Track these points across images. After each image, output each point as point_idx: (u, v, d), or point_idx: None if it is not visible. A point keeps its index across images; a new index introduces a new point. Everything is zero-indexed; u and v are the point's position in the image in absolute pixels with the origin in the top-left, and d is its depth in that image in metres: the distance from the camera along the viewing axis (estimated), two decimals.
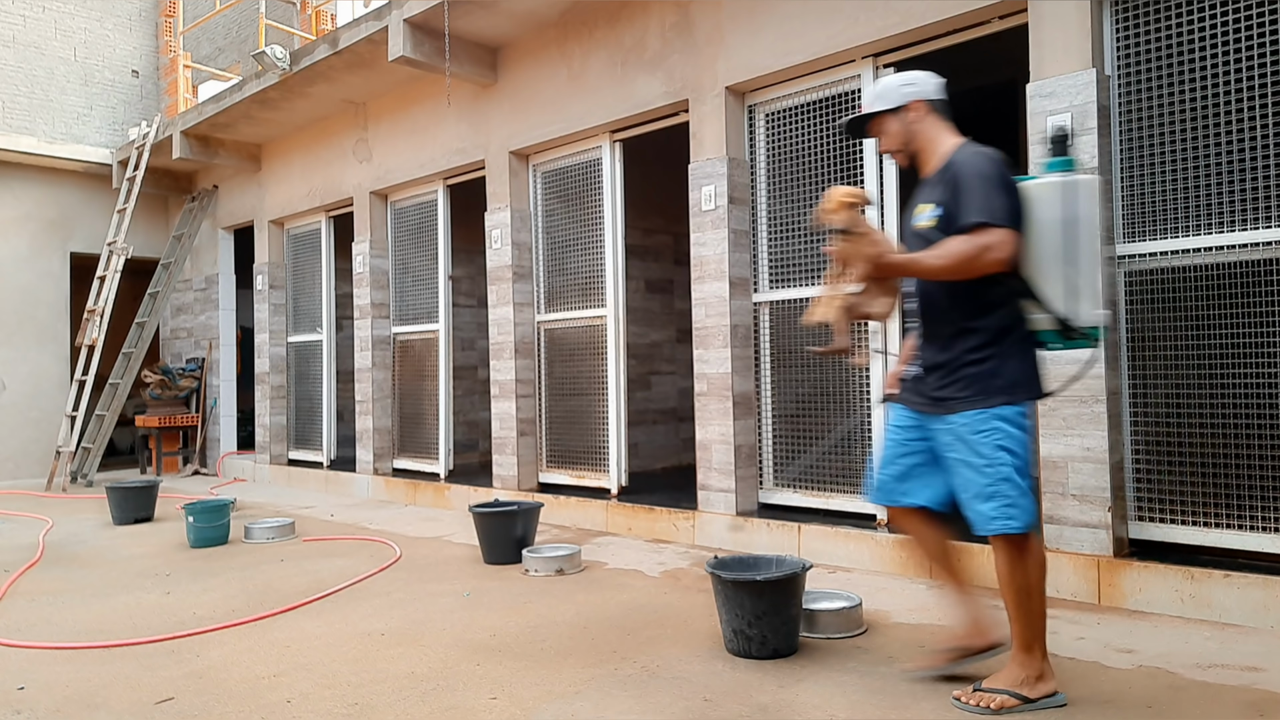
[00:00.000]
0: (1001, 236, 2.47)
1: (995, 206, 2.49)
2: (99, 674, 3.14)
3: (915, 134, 2.79)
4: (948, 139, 2.76)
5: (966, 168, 2.59)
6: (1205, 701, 2.64)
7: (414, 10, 6.02)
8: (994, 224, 2.47)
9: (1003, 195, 2.52)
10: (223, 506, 5.67)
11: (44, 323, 10.18)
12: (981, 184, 2.53)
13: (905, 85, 2.79)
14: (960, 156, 2.64)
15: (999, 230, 2.47)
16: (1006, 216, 2.49)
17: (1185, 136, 3.72)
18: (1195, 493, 3.69)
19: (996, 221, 2.48)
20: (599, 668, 3.05)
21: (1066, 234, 2.52)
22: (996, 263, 2.49)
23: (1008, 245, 2.48)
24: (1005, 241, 2.47)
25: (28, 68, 10.39)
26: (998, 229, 2.47)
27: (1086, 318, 2.53)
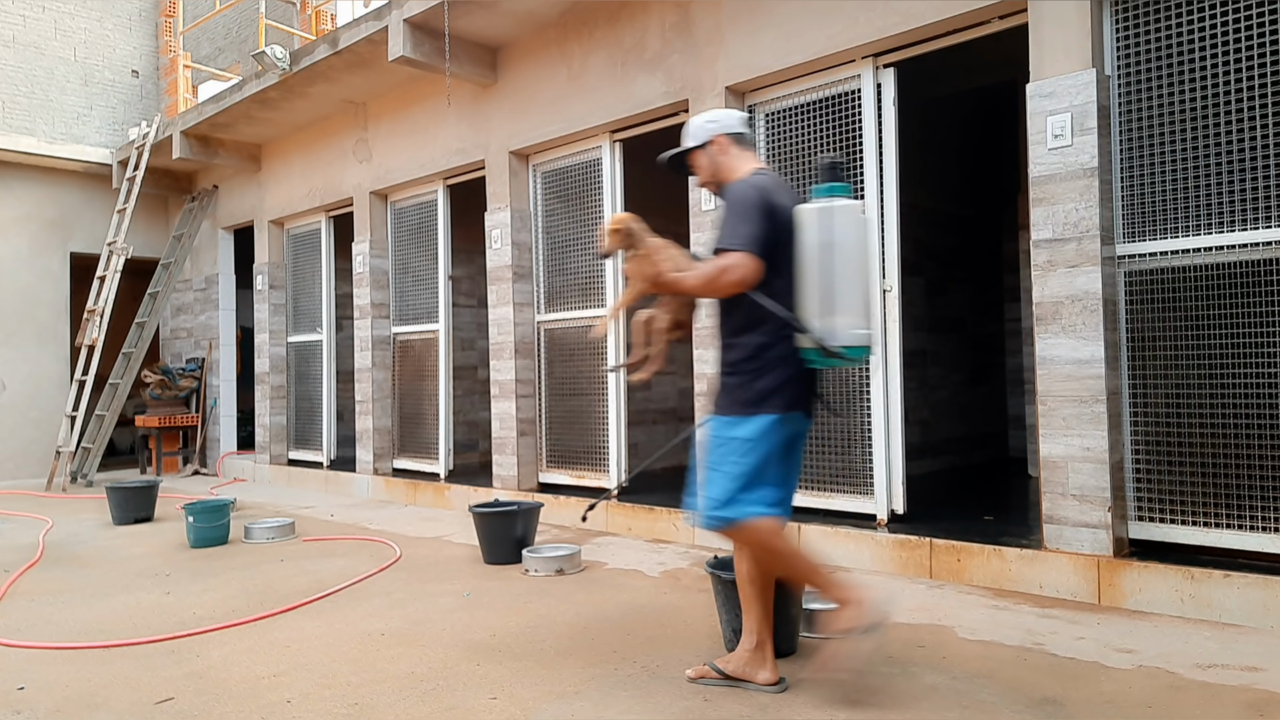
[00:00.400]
0: (737, 260, 2.68)
1: (737, 233, 2.70)
2: (99, 674, 3.14)
3: (719, 166, 2.98)
4: (744, 169, 2.93)
5: (729, 197, 2.81)
6: (1205, 701, 2.64)
7: (414, 10, 6.02)
8: (732, 249, 2.69)
9: (747, 223, 2.71)
10: (223, 506, 5.67)
11: (44, 323, 10.18)
12: (731, 212, 2.75)
13: (709, 122, 3.01)
14: (730, 187, 2.85)
15: (736, 254, 2.68)
16: (744, 242, 2.68)
17: (1185, 136, 3.72)
18: (1195, 493, 3.69)
19: (734, 246, 2.69)
20: (599, 668, 3.05)
21: (823, 257, 2.68)
22: (734, 284, 2.70)
23: (742, 268, 2.67)
24: (740, 264, 2.67)
25: (28, 68, 10.39)
26: (735, 253, 2.68)
27: (842, 337, 2.68)
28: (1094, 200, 3.78)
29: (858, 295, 2.71)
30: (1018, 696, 2.69)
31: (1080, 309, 3.81)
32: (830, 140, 4.88)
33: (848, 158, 4.82)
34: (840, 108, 4.86)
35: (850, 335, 2.68)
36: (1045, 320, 3.92)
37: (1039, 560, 3.88)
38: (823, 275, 2.69)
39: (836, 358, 2.69)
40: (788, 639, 3.10)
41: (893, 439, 4.68)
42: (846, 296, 2.69)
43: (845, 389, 4.85)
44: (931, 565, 4.21)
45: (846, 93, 4.83)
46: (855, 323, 2.70)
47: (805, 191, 4.98)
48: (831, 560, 4.53)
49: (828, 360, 2.71)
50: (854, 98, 4.80)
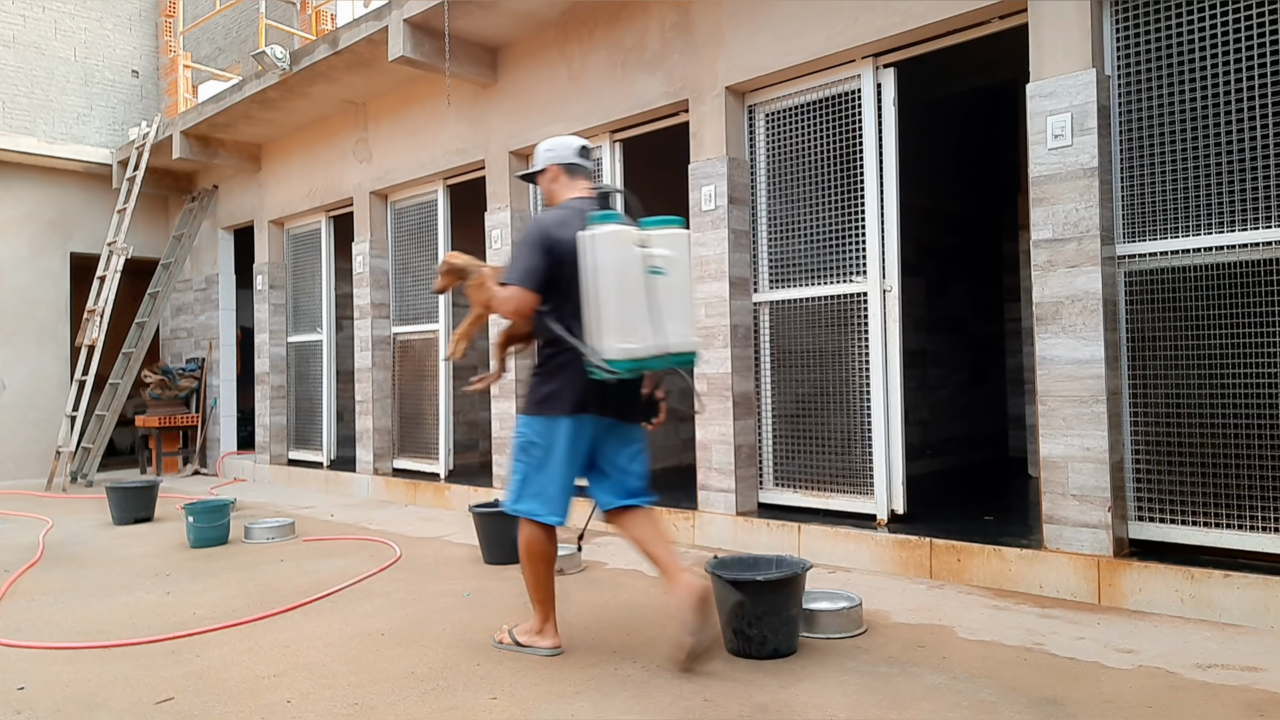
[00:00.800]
0: (510, 293, 3.06)
1: (514, 268, 3.09)
2: (99, 674, 3.14)
3: (549, 193, 3.32)
4: (563, 198, 3.24)
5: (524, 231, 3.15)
6: (1205, 701, 2.64)
7: (414, 10, 6.02)
8: (508, 282, 3.08)
9: (523, 259, 3.08)
10: (223, 506, 5.67)
11: (44, 323, 10.18)
12: (517, 247, 3.16)
13: (547, 151, 3.31)
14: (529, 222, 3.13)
15: (508, 287, 3.07)
16: (518, 276, 3.06)
17: (1185, 136, 3.72)
18: (1195, 493, 3.69)
19: (509, 281, 3.08)
20: (599, 668, 3.05)
21: (591, 280, 2.94)
22: (512, 312, 3.10)
23: (515, 300, 3.06)
24: (512, 297, 3.06)
25: (28, 68, 10.39)
26: (508, 286, 3.07)
27: (608, 352, 2.91)
28: (1094, 200, 3.78)
29: (623, 315, 2.92)
30: (1018, 696, 2.69)
31: (1080, 309, 3.82)
32: (830, 140, 4.88)
33: (848, 157, 4.82)
34: (840, 108, 4.86)
35: (615, 350, 2.91)
36: (1045, 320, 3.92)
37: (1039, 560, 3.88)
38: (592, 297, 2.95)
39: (609, 371, 2.92)
40: (788, 638, 3.10)
41: (893, 439, 4.68)
42: (611, 316, 2.92)
43: (845, 389, 4.86)
44: (931, 565, 4.21)
45: (846, 93, 4.83)
46: (620, 340, 2.92)
47: (808, 191, 4.99)
48: (832, 560, 4.53)
49: (604, 373, 2.94)
50: (854, 98, 4.80)
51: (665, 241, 3.07)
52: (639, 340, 2.95)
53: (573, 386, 3.07)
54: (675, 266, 3.06)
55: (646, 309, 2.96)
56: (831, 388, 4.92)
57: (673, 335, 3.01)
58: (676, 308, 3.05)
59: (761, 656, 3.07)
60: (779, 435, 5.19)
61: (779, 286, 5.16)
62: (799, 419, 5.10)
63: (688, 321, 3.13)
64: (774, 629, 3.06)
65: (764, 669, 2.98)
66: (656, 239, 3.04)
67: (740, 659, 3.08)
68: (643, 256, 2.97)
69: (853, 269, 4.80)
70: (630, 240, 2.99)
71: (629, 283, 2.95)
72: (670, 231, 3.09)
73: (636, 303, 2.96)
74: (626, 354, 2.93)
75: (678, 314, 3.05)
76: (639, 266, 2.98)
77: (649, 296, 2.97)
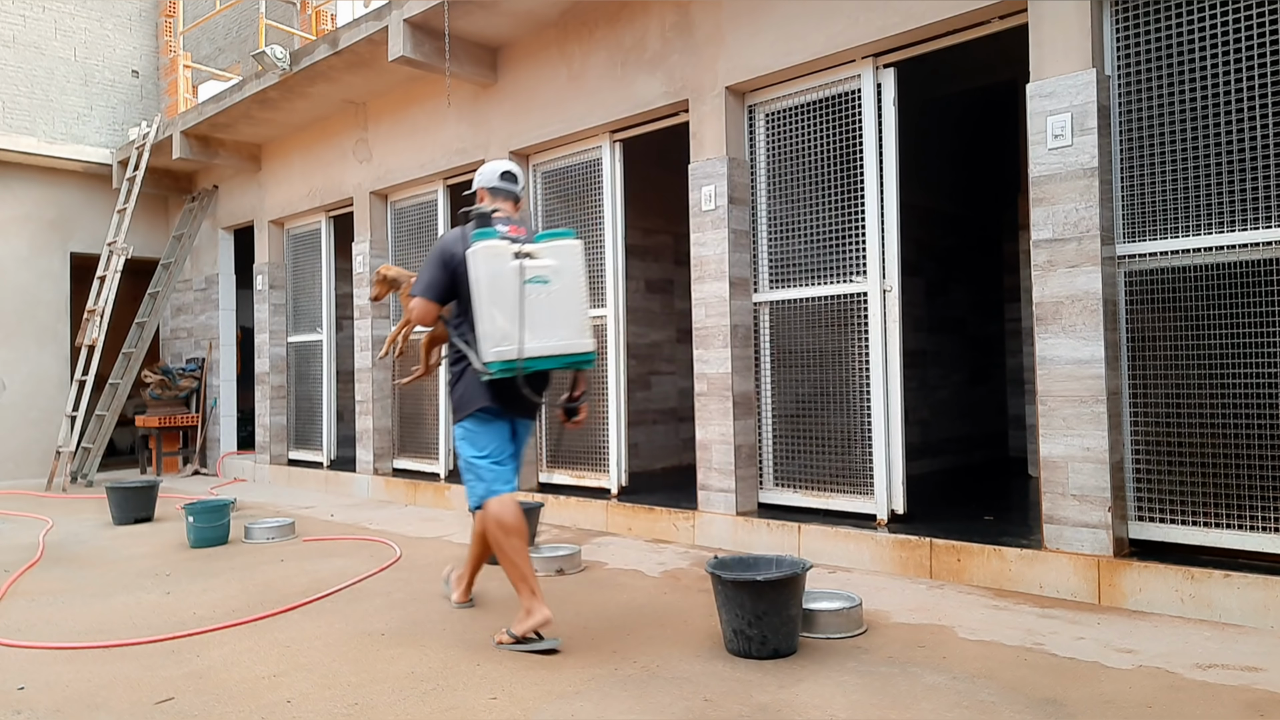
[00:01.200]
0: (415, 303, 3.46)
1: (419, 282, 3.48)
2: (99, 674, 3.14)
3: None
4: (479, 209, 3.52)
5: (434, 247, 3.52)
6: (1205, 701, 2.64)
7: (414, 10, 6.02)
8: (414, 294, 3.47)
9: (425, 273, 3.46)
10: (223, 506, 5.67)
11: (44, 323, 10.18)
12: (424, 262, 3.50)
13: (478, 176, 3.66)
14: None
15: (414, 299, 3.46)
16: (419, 288, 3.46)
17: (1185, 136, 3.72)
18: (1195, 493, 3.69)
19: (414, 293, 3.47)
20: (599, 668, 3.05)
21: (471, 292, 3.27)
22: (417, 319, 3.51)
23: (418, 310, 3.46)
24: (416, 306, 3.46)
25: (28, 68, 10.39)
26: (415, 298, 3.46)
27: (487, 356, 3.23)
28: (1094, 200, 3.78)
29: (497, 321, 3.22)
30: (1018, 696, 2.69)
31: (1080, 309, 3.82)
32: (830, 140, 4.88)
33: (848, 158, 4.82)
34: (840, 108, 4.86)
35: (491, 354, 3.23)
36: (1045, 320, 3.92)
37: (1039, 560, 3.88)
38: (473, 307, 3.27)
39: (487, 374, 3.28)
40: (788, 638, 3.10)
41: (893, 439, 4.68)
42: (486, 323, 3.23)
43: (845, 389, 4.86)
44: (931, 565, 4.21)
45: (846, 93, 4.83)
46: (494, 345, 3.23)
47: (808, 191, 4.99)
48: (832, 560, 4.54)
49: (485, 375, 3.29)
50: (854, 98, 4.80)
51: (551, 253, 3.32)
52: (511, 344, 3.23)
53: (474, 387, 3.40)
54: (560, 275, 3.31)
55: (521, 316, 3.24)
56: (831, 388, 4.92)
57: (556, 338, 3.28)
58: (562, 313, 3.30)
59: (761, 656, 3.07)
60: (779, 435, 5.19)
61: (779, 286, 5.15)
62: (799, 419, 5.10)
63: (577, 326, 3.34)
64: (774, 629, 3.06)
65: (764, 669, 2.98)
66: (543, 251, 3.30)
67: (740, 659, 3.08)
68: (519, 268, 3.24)
69: (853, 269, 4.80)
70: (504, 254, 3.26)
71: (503, 292, 3.23)
72: (557, 243, 3.34)
73: (511, 310, 3.23)
74: (500, 356, 3.23)
75: (563, 319, 3.30)
76: (514, 278, 3.24)
77: (525, 304, 3.24)
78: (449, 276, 3.40)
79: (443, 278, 3.41)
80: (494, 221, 3.41)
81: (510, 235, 3.36)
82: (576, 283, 3.39)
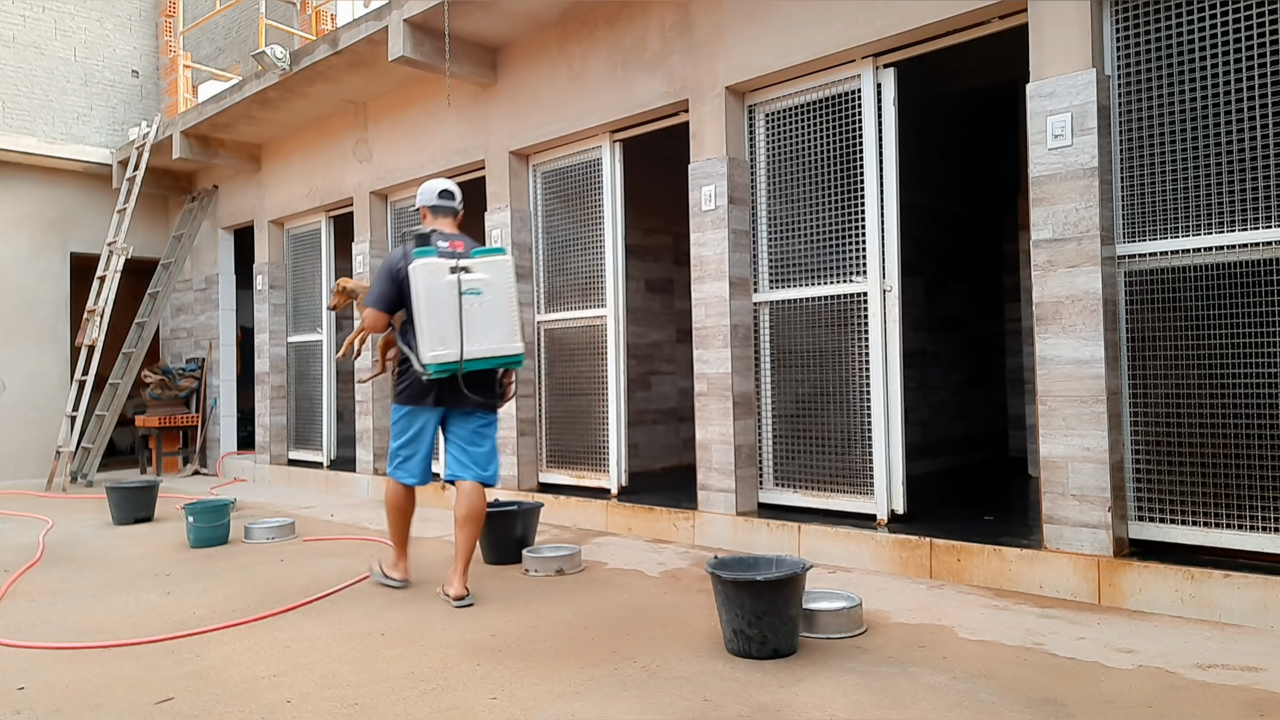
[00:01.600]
0: (366, 312, 3.97)
1: (370, 294, 3.98)
2: (99, 674, 3.14)
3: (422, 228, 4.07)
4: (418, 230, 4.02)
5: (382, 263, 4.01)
6: (1205, 701, 2.64)
7: (414, 10, 6.02)
8: (366, 305, 3.97)
9: (375, 286, 3.97)
10: (223, 506, 5.67)
11: (44, 323, 10.18)
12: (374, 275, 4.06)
13: (419, 195, 4.15)
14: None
15: (367, 309, 3.96)
16: (369, 299, 3.96)
17: (1185, 136, 3.72)
18: (1195, 493, 3.69)
19: (366, 304, 3.97)
20: (599, 668, 3.05)
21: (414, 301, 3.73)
22: (368, 327, 4.03)
23: (369, 318, 3.97)
24: (366, 317, 3.98)
25: (28, 68, 10.39)
26: (367, 309, 3.96)
27: (425, 359, 3.73)
28: (1094, 200, 3.78)
29: (434, 329, 3.67)
30: (1018, 696, 2.69)
31: (1080, 309, 3.82)
32: (830, 140, 4.88)
33: (848, 158, 4.82)
34: (840, 108, 4.86)
35: (429, 357, 3.70)
36: (1045, 320, 3.92)
37: (1039, 560, 3.88)
38: (416, 315, 3.74)
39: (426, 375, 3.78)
40: (788, 638, 3.10)
41: (893, 439, 4.68)
42: (423, 331, 3.71)
43: (845, 389, 4.86)
44: (931, 565, 4.21)
45: (846, 93, 4.83)
46: (431, 349, 3.69)
47: (808, 191, 4.99)
48: (832, 560, 4.54)
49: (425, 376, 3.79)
50: (854, 98, 4.80)
51: (484, 267, 3.79)
52: (448, 349, 3.69)
53: (417, 384, 3.95)
54: (491, 288, 3.78)
55: (457, 324, 3.69)
56: (831, 388, 4.92)
57: (489, 343, 3.76)
58: (493, 321, 3.78)
59: (761, 656, 3.07)
60: (779, 435, 5.19)
61: (779, 286, 5.15)
62: (799, 419, 5.10)
63: (506, 331, 3.83)
64: (774, 629, 3.06)
65: (764, 669, 2.98)
66: (477, 265, 3.77)
67: (740, 659, 3.08)
68: (453, 282, 3.70)
69: (853, 269, 4.81)
70: (440, 269, 3.71)
71: (439, 303, 3.69)
72: (490, 259, 3.83)
73: (446, 319, 3.69)
74: (437, 359, 3.69)
75: (495, 326, 3.78)
76: (450, 290, 3.70)
77: (459, 314, 3.69)
78: (395, 289, 3.86)
79: (389, 290, 3.89)
80: (433, 239, 3.86)
81: (450, 250, 3.81)
82: (507, 294, 3.85)
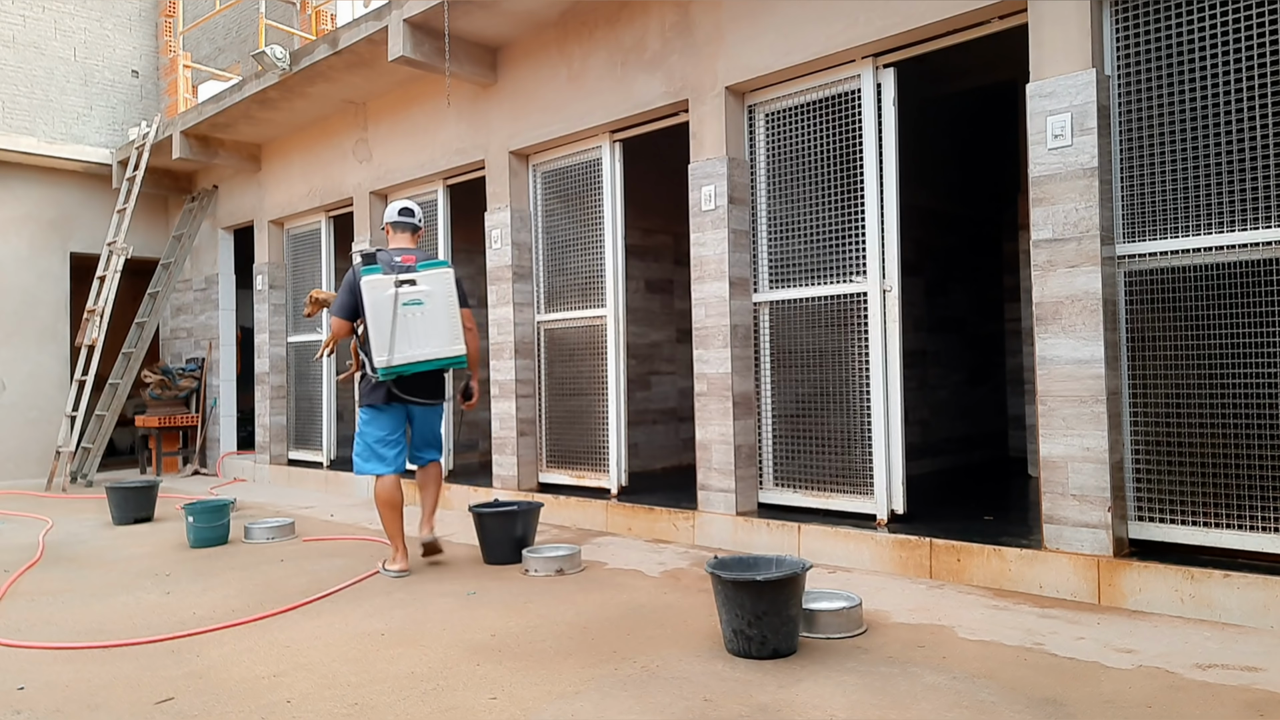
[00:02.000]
0: (333, 321, 4.58)
1: (335, 305, 4.59)
2: (99, 674, 3.14)
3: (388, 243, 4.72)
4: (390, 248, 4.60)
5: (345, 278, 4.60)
6: (1205, 701, 2.64)
7: (414, 10, 6.02)
8: (332, 315, 4.59)
9: (339, 298, 4.56)
10: (223, 506, 5.67)
11: (44, 323, 10.18)
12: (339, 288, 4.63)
13: (385, 215, 4.74)
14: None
15: (332, 318, 4.58)
16: (334, 310, 4.58)
17: (1185, 136, 3.72)
18: (1195, 493, 3.69)
19: (332, 314, 4.60)
20: (599, 668, 3.05)
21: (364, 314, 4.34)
22: (335, 334, 4.60)
23: (334, 327, 4.58)
24: (333, 323, 4.59)
25: (28, 68, 10.39)
26: (332, 317, 4.58)
27: (375, 362, 4.35)
28: (1094, 200, 3.78)
29: (380, 337, 4.30)
30: (1018, 696, 2.70)
31: (1080, 309, 3.82)
32: (830, 140, 4.88)
33: (848, 158, 4.82)
34: (840, 108, 4.86)
35: (378, 362, 4.33)
36: (1045, 320, 3.92)
37: (1039, 560, 3.88)
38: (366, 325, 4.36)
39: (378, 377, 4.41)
40: (788, 638, 3.10)
41: (893, 439, 4.68)
42: (374, 339, 4.32)
43: (845, 389, 4.86)
44: (931, 565, 4.21)
45: (846, 93, 4.83)
46: (378, 355, 4.32)
47: (808, 191, 4.99)
48: (832, 560, 4.54)
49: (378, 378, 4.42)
50: (854, 98, 4.80)
51: (427, 280, 4.33)
52: (391, 354, 4.29)
53: (378, 387, 4.54)
54: (432, 298, 4.33)
55: (401, 332, 4.29)
56: (831, 388, 4.92)
57: (430, 348, 4.35)
58: (435, 328, 4.35)
59: (761, 656, 3.07)
60: (779, 435, 5.19)
61: (779, 286, 5.15)
62: (799, 419, 5.10)
63: (447, 337, 4.39)
64: (774, 629, 3.06)
65: (764, 669, 2.98)
66: (421, 278, 4.33)
67: (740, 659, 3.08)
68: (396, 295, 4.28)
69: (853, 269, 4.81)
70: (385, 284, 4.28)
71: (383, 315, 4.28)
72: (433, 272, 4.37)
73: (386, 325, 4.28)
74: (383, 364, 4.30)
75: (436, 332, 4.36)
76: (392, 302, 4.28)
77: (402, 323, 4.28)
78: (354, 301, 4.46)
79: (350, 302, 4.49)
80: (379, 257, 4.38)
81: (401, 264, 4.36)
82: (448, 303, 4.39)
